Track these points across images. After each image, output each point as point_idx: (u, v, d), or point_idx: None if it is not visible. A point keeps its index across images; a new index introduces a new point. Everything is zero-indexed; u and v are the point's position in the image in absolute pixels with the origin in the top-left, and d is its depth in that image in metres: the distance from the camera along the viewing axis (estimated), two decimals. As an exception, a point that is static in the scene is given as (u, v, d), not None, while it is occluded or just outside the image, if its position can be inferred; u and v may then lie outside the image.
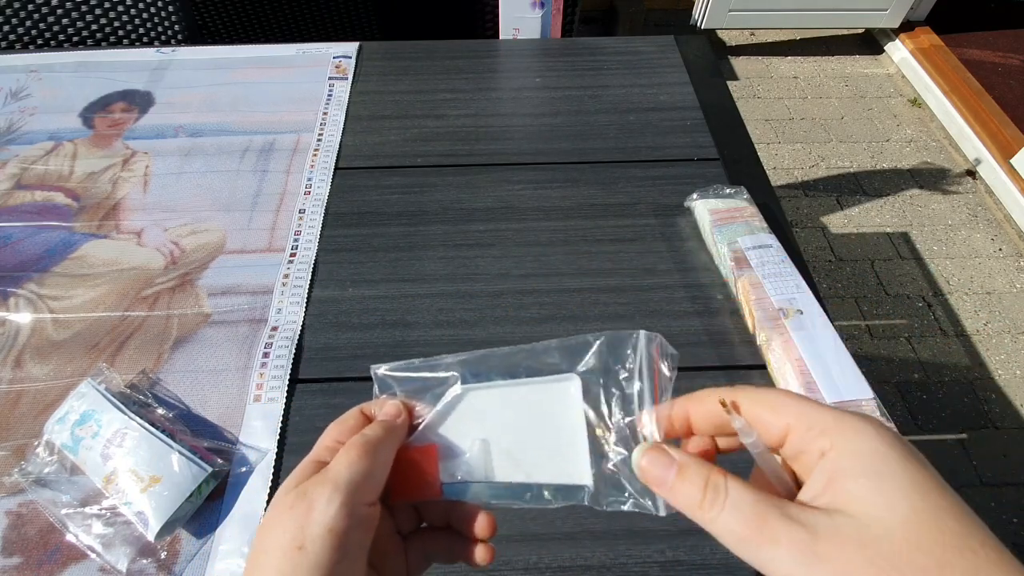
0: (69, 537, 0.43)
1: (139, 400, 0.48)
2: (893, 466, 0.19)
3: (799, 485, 0.23)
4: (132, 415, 0.45)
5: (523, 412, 0.28)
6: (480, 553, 0.28)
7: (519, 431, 0.28)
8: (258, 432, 0.48)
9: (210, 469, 0.44)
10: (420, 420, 0.28)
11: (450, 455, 0.28)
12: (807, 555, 0.19)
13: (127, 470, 0.43)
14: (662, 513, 0.25)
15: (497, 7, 0.85)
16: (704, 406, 0.25)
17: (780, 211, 0.63)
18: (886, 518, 0.19)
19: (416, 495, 0.27)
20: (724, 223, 0.59)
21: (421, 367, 0.29)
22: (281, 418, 0.49)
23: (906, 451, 0.20)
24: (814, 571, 0.19)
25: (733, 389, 0.24)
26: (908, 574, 0.18)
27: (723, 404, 0.23)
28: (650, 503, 0.25)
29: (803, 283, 0.54)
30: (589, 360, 0.28)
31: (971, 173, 1.85)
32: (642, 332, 0.27)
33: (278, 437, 0.48)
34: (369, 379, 0.30)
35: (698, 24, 2.18)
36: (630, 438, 0.26)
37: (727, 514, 0.21)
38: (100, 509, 0.44)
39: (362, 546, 0.24)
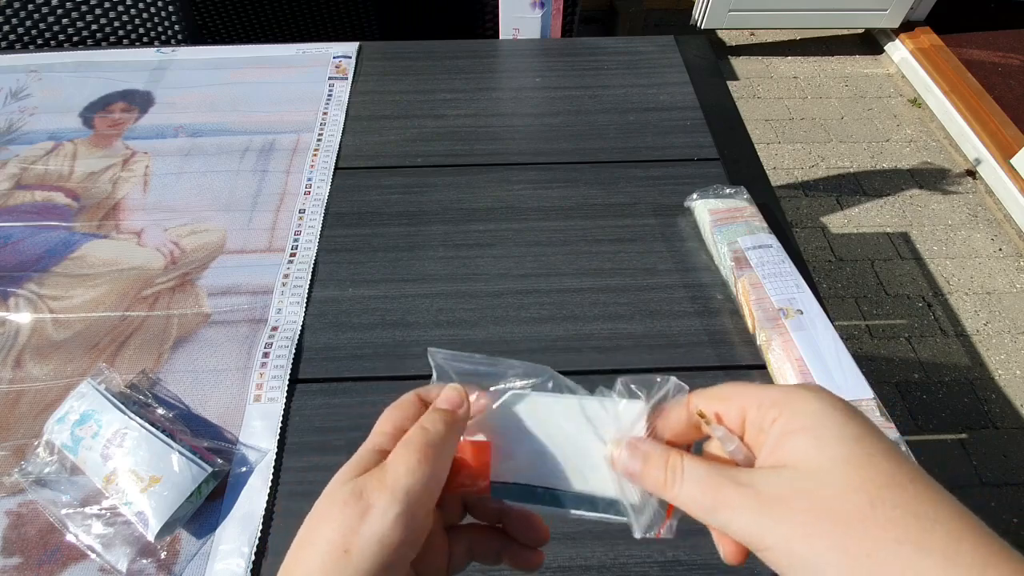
0: (69, 537, 0.43)
1: (139, 400, 0.48)
2: (832, 421, 0.21)
3: None
4: (132, 415, 0.45)
5: (584, 425, 0.27)
6: (530, 558, 0.27)
7: (577, 443, 0.27)
8: (258, 432, 0.48)
9: (210, 469, 0.44)
10: (477, 414, 0.27)
11: (504, 455, 0.27)
12: (756, 512, 0.21)
13: (127, 470, 0.43)
14: (637, 535, 0.25)
15: (497, 7, 0.85)
16: (667, 420, 0.26)
17: (780, 211, 0.63)
18: (824, 466, 0.20)
19: (463, 489, 0.27)
20: (724, 223, 0.59)
21: (481, 362, 0.28)
22: (281, 418, 0.49)
23: (848, 410, 0.22)
24: (764, 525, 0.21)
25: (692, 395, 0.25)
26: (843, 513, 0.19)
27: (702, 416, 0.25)
28: (632, 521, 0.25)
29: (803, 283, 0.54)
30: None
31: (971, 173, 1.85)
32: (672, 378, 0.26)
33: (278, 437, 0.48)
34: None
35: (698, 24, 2.18)
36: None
37: (687, 488, 0.23)
38: (100, 509, 0.44)
39: (409, 556, 0.23)
